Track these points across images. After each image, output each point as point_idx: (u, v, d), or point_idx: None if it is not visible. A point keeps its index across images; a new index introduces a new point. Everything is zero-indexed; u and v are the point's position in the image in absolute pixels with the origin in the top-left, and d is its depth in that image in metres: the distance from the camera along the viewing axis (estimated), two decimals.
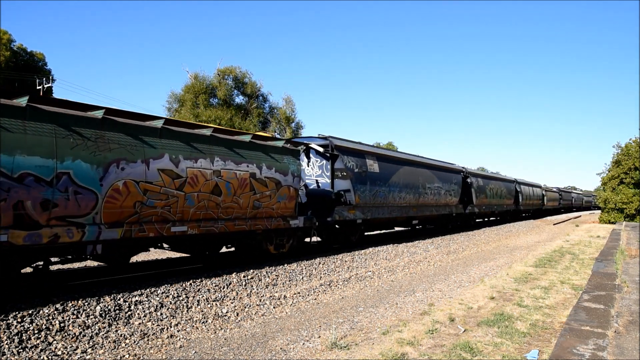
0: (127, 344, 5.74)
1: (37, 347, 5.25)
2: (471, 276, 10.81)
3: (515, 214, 34.79)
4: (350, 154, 13.28)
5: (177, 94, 38.63)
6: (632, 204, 33.12)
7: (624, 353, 4.45)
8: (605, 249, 13.75)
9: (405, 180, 16.08)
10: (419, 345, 5.61)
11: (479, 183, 24.13)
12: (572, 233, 24.43)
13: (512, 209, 31.81)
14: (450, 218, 21.44)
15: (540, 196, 41.29)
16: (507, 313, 7.07)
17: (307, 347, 5.73)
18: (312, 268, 10.16)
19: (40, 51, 28.08)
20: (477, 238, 19.72)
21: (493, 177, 28.00)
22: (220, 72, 39.51)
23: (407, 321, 6.75)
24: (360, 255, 12.21)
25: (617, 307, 6.21)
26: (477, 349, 5.45)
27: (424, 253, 14.33)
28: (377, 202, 14.35)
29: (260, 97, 41.98)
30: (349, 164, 13.03)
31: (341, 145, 13.11)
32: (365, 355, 5.32)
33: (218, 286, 7.93)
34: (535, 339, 5.91)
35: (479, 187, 23.96)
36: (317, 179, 13.13)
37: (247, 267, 9.45)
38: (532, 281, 9.83)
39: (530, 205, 37.63)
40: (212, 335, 6.36)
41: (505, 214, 31.89)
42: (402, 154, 17.48)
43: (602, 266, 10.06)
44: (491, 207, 26.56)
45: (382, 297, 8.70)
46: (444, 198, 19.35)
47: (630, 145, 34.56)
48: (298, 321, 7.03)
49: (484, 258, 14.53)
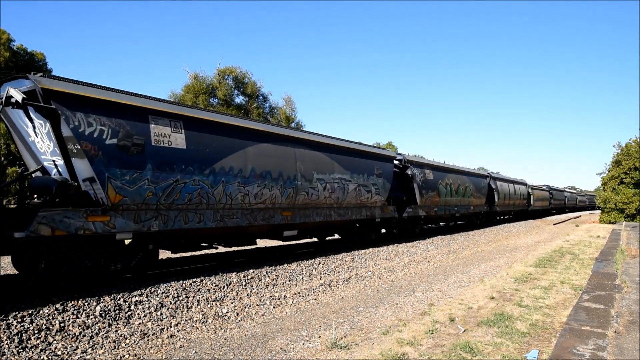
0: (127, 344, 5.74)
1: (37, 347, 5.25)
2: (471, 276, 10.81)
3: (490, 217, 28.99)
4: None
5: (177, 94, 38.60)
6: (632, 204, 33.10)
7: (624, 353, 4.44)
8: (605, 249, 13.74)
9: (263, 166, 9.84)
10: (419, 345, 5.60)
11: (427, 177, 17.96)
12: (572, 233, 24.42)
13: (483, 210, 25.71)
14: (371, 224, 14.90)
15: (524, 195, 35.29)
16: (507, 313, 7.06)
17: (307, 347, 5.73)
18: (312, 268, 10.16)
19: (40, 51, 28.05)
20: (477, 238, 19.72)
21: (452, 170, 21.23)
22: (220, 72, 39.49)
23: (407, 321, 6.75)
24: (360, 255, 12.21)
25: (617, 307, 6.21)
26: (477, 349, 5.44)
27: (424, 253, 14.33)
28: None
29: (261, 97, 42.00)
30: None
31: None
32: (365, 355, 5.31)
33: (218, 286, 7.93)
34: (535, 339, 5.91)
35: (427, 181, 17.86)
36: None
37: (249, 267, 9.45)
38: (532, 281, 9.82)
39: (510, 206, 31.27)
40: (212, 335, 6.36)
41: (473, 216, 25.57)
42: (248, 123, 10.22)
43: (602, 266, 10.06)
44: (448, 209, 20.13)
45: (382, 297, 8.70)
46: (356, 196, 13.07)
47: (630, 145, 34.55)
48: (298, 321, 7.03)
49: (484, 258, 14.53)
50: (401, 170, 16.88)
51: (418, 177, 17.18)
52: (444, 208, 19.74)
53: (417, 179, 17.11)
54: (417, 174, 17.18)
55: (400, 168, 16.86)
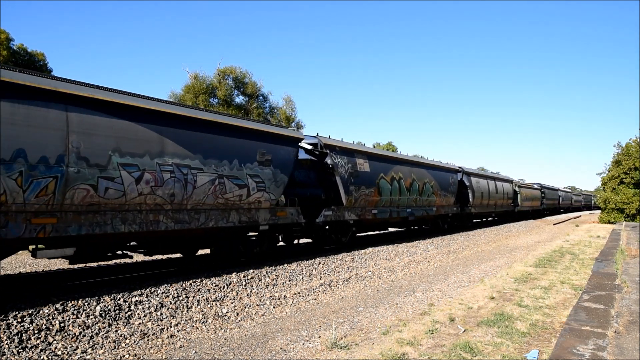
0: (127, 344, 5.74)
1: (37, 347, 5.25)
2: (471, 276, 10.81)
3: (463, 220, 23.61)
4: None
5: (177, 94, 38.60)
6: (632, 204, 33.12)
7: (624, 353, 4.44)
8: (605, 249, 13.74)
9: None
10: (419, 345, 5.61)
11: (359, 168, 13.32)
12: (572, 233, 24.42)
13: (452, 211, 20.93)
14: (249, 243, 10.30)
15: (509, 194, 30.49)
16: (507, 313, 7.06)
17: (307, 347, 5.73)
18: (312, 268, 10.17)
19: (40, 51, 28.05)
20: (477, 238, 19.72)
21: (403, 161, 16.22)
22: (220, 72, 39.50)
23: (407, 321, 6.75)
24: (360, 255, 12.21)
25: (617, 307, 6.21)
26: (477, 349, 5.45)
27: (424, 253, 14.33)
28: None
29: (261, 97, 42.01)
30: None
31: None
32: (365, 355, 5.32)
33: (218, 286, 7.93)
34: (535, 339, 5.91)
35: (359, 174, 13.27)
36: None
37: (249, 267, 9.45)
38: (532, 281, 9.82)
39: (490, 207, 26.19)
40: (212, 335, 6.36)
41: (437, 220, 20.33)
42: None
43: (602, 266, 10.06)
44: (395, 211, 15.42)
45: (382, 297, 8.70)
46: (216, 192, 8.67)
47: (630, 145, 34.57)
48: (298, 321, 7.03)
49: (483, 258, 14.53)
50: (318, 159, 12.56)
51: (343, 169, 12.57)
52: (389, 210, 14.98)
53: (341, 170, 12.50)
54: (341, 163, 12.56)
55: (317, 155, 12.55)
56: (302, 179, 12.06)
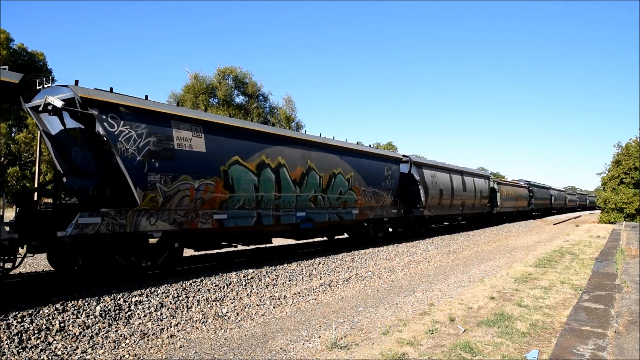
0: (127, 344, 5.74)
1: (37, 347, 5.25)
2: (471, 276, 10.81)
3: (409, 226, 17.28)
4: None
5: (177, 94, 38.62)
6: (632, 204, 33.13)
7: (624, 353, 4.44)
8: (605, 249, 13.74)
9: None
10: (419, 345, 5.61)
11: (181, 145, 8.19)
12: (572, 233, 24.43)
13: (389, 216, 15.20)
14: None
15: (485, 192, 24.96)
16: (507, 313, 7.07)
17: (307, 347, 5.73)
18: (312, 268, 10.16)
19: (40, 51, 28.07)
20: (477, 238, 19.72)
21: (286, 139, 10.87)
22: (221, 72, 39.52)
23: (407, 321, 6.75)
24: (360, 255, 12.21)
25: (617, 307, 6.21)
26: (477, 349, 5.45)
27: (424, 253, 14.33)
28: None
29: (261, 97, 42.02)
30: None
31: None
32: (365, 355, 5.32)
33: (218, 286, 7.93)
34: (535, 339, 5.91)
35: (182, 155, 8.20)
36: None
37: (249, 267, 9.45)
38: (532, 281, 9.83)
39: (456, 208, 20.92)
40: (212, 335, 6.36)
41: (343, 228, 14.13)
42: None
43: (602, 266, 10.06)
44: (263, 215, 10.01)
45: (382, 297, 8.70)
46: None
47: (630, 145, 34.59)
48: (298, 321, 7.03)
49: (483, 258, 14.54)
50: (85, 125, 8.38)
51: (134, 144, 7.50)
52: (255, 213, 9.89)
53: (130, 146, 7.53)
54: (132, 135, 7.52)
55: (80, 118, 8.08)
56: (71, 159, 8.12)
